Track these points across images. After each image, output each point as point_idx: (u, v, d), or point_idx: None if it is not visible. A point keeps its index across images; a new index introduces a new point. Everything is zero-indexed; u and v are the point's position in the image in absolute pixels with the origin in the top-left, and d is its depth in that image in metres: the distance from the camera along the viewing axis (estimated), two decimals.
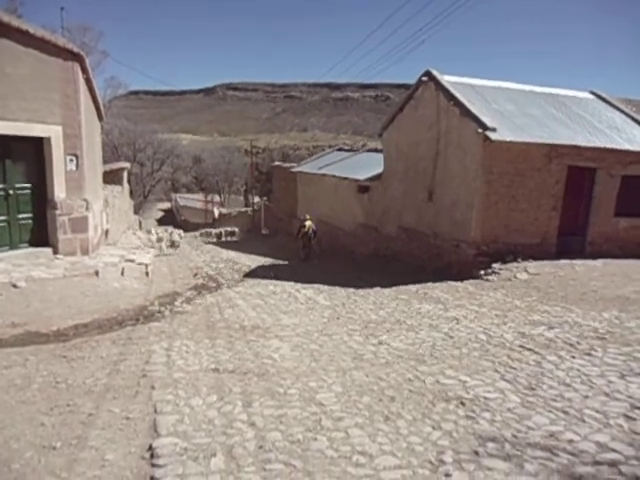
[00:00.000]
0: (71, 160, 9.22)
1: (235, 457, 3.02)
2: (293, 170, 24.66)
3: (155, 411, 3.65)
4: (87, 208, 9.50)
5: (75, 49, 9.08)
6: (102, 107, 13.02)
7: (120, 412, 3.64)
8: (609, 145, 11.45)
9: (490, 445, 3.16)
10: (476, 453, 3.06)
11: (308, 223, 17.18)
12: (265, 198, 37.48)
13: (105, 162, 18.09)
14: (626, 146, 11.61)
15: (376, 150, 20.56)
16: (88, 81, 10.01)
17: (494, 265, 10.23)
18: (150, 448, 3.13)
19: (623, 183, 11.64)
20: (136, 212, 31.37)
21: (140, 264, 9.80)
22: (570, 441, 3.19)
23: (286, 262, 16.05)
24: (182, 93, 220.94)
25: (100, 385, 4.14)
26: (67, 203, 9.17)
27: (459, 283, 9.47)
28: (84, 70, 9.41)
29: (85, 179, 9.54)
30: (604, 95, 14.56)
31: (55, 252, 9.10)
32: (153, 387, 4.10)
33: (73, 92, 9.04)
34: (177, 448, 3.11)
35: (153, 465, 2.94)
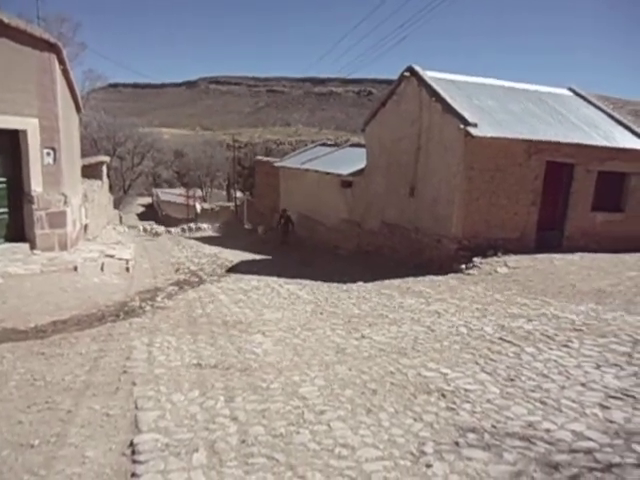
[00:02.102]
0: (48, 153, 9.02)
1: (217, 452, 3.01)
2: (276, 165, 24.54)
3: (136, 407, 3.62)
4: (65, 202, 9.32)
5: (52, 40, 8.87)
6: (80, 99, 12.76)
7: (100, 409, 3.59)
8: (587, 141, 11.67)
9: (470, 436, 3.21)
10: (456, 444, 3.11)
11: (287, 214, 20.32)
12: (248, 193, 37.30)
13: (84, 156, 17.74)
14: (603, 142, 11.85)
15: (359, 145, 20.58)
16: (65, 72, 9.79)
17: (475, 259, 10.36)
18: (131, 444, 3.10)
19: (599, 179, 11.89)
20: (116, 207, 30.90)
21: (120, 259, 9.67)
22: (547, 430, 3.27)
23: (269, 257, 16.01)
24: (163, 86, 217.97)
25: (79, 382, 4.08)
26: (44, 198, 8.98)
27: (441, 277, 9.57)
28: (61, 61, 9.20)
29: (63, 173, 9.35)
30: (582, 92, 14.82)
31: (32, 247, 8.91)
32: (134, 383, 4.05)
33: (50, 84, 8.84)
34: (158, 444, 3.09)
35: (134, 461, 2.91)
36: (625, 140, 12.28)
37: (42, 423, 3.37)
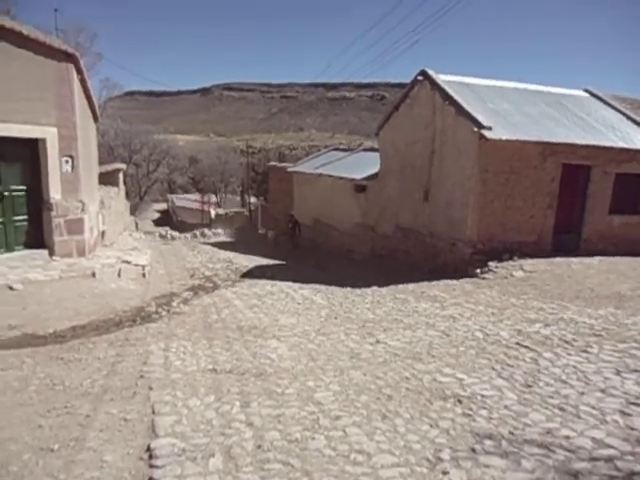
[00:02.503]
0: (66, 161, 9.19)
1: (233, 457, 3.03)
2: (289, 170, 24.64)
3: (153, 412, 3.65)
4: (83, 210, 9.48)
5: (70, 50, 9.06)
6: (97, 108, 12.99)
7: (118, 413, 3.64)
8: (603, 143, 11.51)
9: (487, 442, 3.17)
10: (473, 450, 3.08)
11: (295, 219, 21.46)
12: (262, 198, 37.48)
13: (101, 163, 18.03)
14: (620, 144, 11.66)
15: (372, 149, 20.56)
16: (83, 82, 9.98)
17: (490, 263, 10.26)
18: (148, 449, 3.13)
19: (617, 181, 11.70)
20: (132, 213, 31.30)
21: (137, 265, 9.78)
22: (566, 437, 3.21)
23: (283, 262, 16.05)
24: (178, 94, 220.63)
25: (97, 387, 4.14)
26: (63, 205, 9.15)
27: (455, 281, 9.50)
28: (79, 71, 9.39)
29: (81, 180, 9.51)
30: (599, 93, 14.62)
31: (51, 254, 9.07)
32: (151, 388, 4.10)
33: (68, 93, 9.02)
34: (175, 449, 3.12)
35: (151, 466, 2.94)
36: None
37: (61, 427, 3.42)
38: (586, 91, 14.87)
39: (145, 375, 4.39)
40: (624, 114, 13.45)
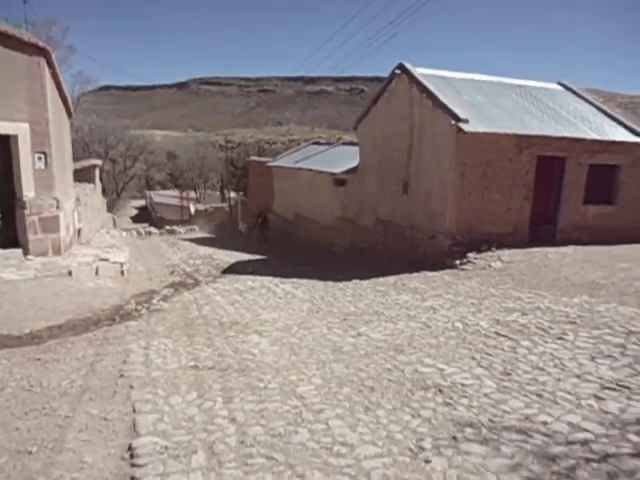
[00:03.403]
0: (39, 158, 8.97)
1: (216, 453, 3.02)
2: (269, 164, 24.52)
3: (134, 411, 3.61)
4: (58, 207, 9.27)
5: (41, 44, 8.81)
6: (71, 103, 12.69)
7: (98, 413, 3.59)
8: (577, 135, 11.74)
9: (468, 430, 3.23)
10: (454, 438, 3.14)
11: (265, 214, 22.78)
12: (241, 193, 37.18)
13: (76, 160, 17.64)
14: (593, 135, 11.93)
15: (352, 143, 20.59)
16: (55, 76, 9.73)
17: (469, 255, 10.40)
18: (130, 448, 3.10)
19: (590, 172, 11.96)
20: (109, 210, 30.78)
21: (115, 263, 9.63)
22: (544, 423, 3.30)
23: (264, 257, 16.00)
24: (154, 88, 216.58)
25: (76, 387, 4.07)
26: (37, 202, 8.93)
27: (435, 273, 9.61)
28: (50, 65, 9.14)
29: (55, 177, 9.29)
30: (572, 86, 14.90)
31: (26, 253, 8.86)
32: (131, 387, 4.05)
33: (40, 88, 8.78)
34: (157, 447, 3.09)
35: (133, 465, 2.91)
36: (615, 133, 12.37)
37: (39, 429, 3.36)
38: (559, 84, 15.13)
39: (125, 374, 4.34)
40: (596, 106, 13.74)
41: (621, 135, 12.32)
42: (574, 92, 14.60)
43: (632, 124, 12.81)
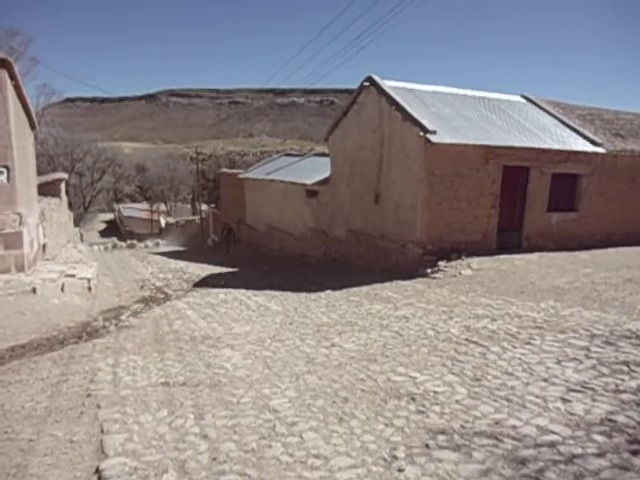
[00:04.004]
0: (1, 172, 8.70)
1: (188, 472, 2.96)
2: (240, 176, 24.41)
3: (102, 431, 3.51)
4: (21, 222, 8.98)
5: (1, 54, 8.59)
6: (34, 115, 12.37)
7: (63, 435, 3.47)
8: (540, 145, 12.16)
9: (440, 437, 3.27)
10: (427, 446, 3.16)
11: (229, 226, 24.59)
12: (213, 205, 36.84)
13: (40, 173, 17.19)
14: (555, 146, 12.37)
15: (323, 154, 20.72)
16: (17, 88, 9.48)
17: (440, 263, 10.58)
18: (97, 471, 3.00)
19: (553, 181, 12.39)
20: (76, 224, 29.97)
21: (82, 279, 9.37)
22: (513, 427, 3.36)
23: (237, 269, 15.85)
24: (122, 100, 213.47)
25: (40, 409, 3.93)
26: None
27: (407, 282, 9.72)
28: (12, 77, 8.91)
29: (17, 192, 9.02)
30: (534, 98, 15.45)
31: None
32: (99, 406, 3.93)
33: (1, 100, 8.53)
34: (126, 468, 3.01)
35: None
36: (575, 143, 12.86)
37: (1, 454, 3.22)
38: (522, 96, 15.67)
39: (92, 393, 4.21)
40: (557, 118, 14.28)
41: (581, 145, 12.83)
42: (536, 104, 15.14)
43: (591, 135, 13.36)
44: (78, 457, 3.19)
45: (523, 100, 15.44)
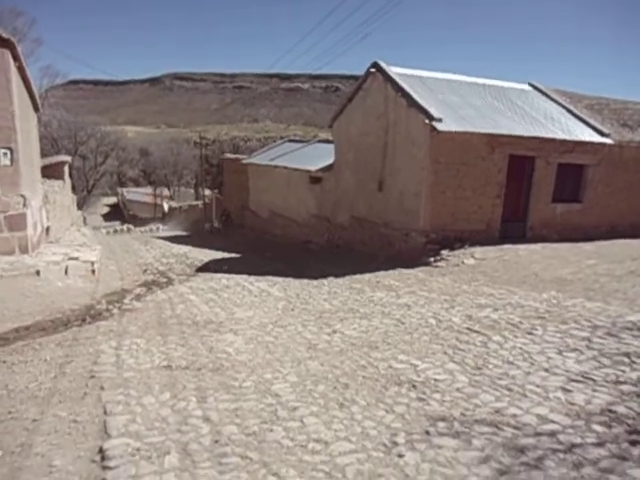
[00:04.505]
0: (5, 154, 8.67)
1: (190, 453, 2.99)
2: (244, 162, 24.32)
3: (105, 412, 3.55)
4: (25, 205, 8.98)
5: (4, 35, 8.50)
6: (38, 97, 12.30)
7: (67, 416, 3.50)
8: (547, 135, 12.05)
9: (440, 424, 3.29)
10: (427, 433, 3.19)
11: (228, 212, 26.27)
12: (216, 191, 36.80)
13: (44, 156, 17.15)
14: (561, 135, 12.25)
15: (327, 141, 20.58)
16: (21, 69, 9.41)
17: (443, 252, 10.56)
18: (100, 450, 3.04)
19: (559, 171, 12.29)
20: (80, 208, 30.03)
21: (85, 262, 9.40)
22: (513, 415, 3.38)
23: (239, 255, 15.88)
24: (126, 83, 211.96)
25: (45, 389, 3.96)
26: (2, 200, 8.63)
27: (410, 270, 9.72)
28: (16, 58, 8.84)
29: (21, 174, 9.00)
30: (541, 87, 15.26)
31: None
32: (102, 388, 3.97)
33: (4, 81, 8.47)
34: (129, 449, 3.04)
35: (104, 468, 2.86)
36: (582, 133, 12.73)
37: (6, 433, 3.26)
38: (530, 85, 15.48)
39: (96, 375, 4.25)
40: (565, 107, 14.11)
41: (588, 135, 12.69)
42: (544, 93, 14.96)
43: (598, 125, 13.21)
44: (82, 437, 3.22)
45: (530, 88, 15.25)
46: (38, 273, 8.00)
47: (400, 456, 2.92)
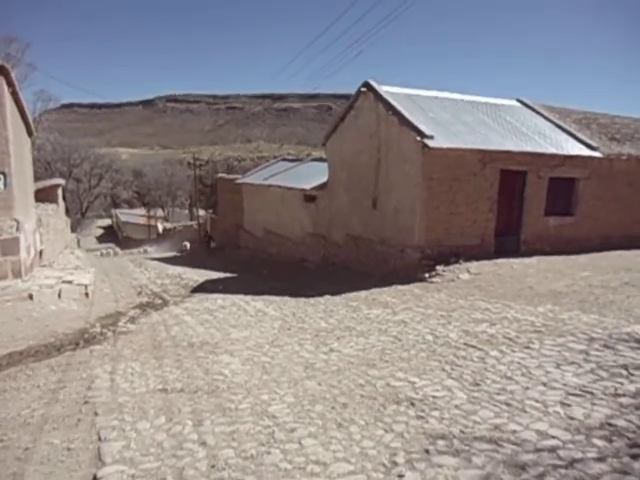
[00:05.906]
0: None
1: (186, 479, 2.93)
2: (238, 182, 24.42)
3: (99, 439, 3.48)
4: (18, 229, 8.96)
5: None
6: (31, 122, 12.37)
7: (60, 443, 3.44)
8: (537, 150, 12.21)
9: (440, 442, 3.25)
10: (427, 452, 3.14)
11: (208, 230, 29.04)
12: (211, 211, 36.83)
13: (37, 179, 17.17)
14: (552, 150, 12.42)
15: (321, 159, 20.75)
16: (15, 95, 9.49)
17: (438, 267, 10.58)
18: (94, 478, 2.97)
19: (550, 185, 12.42)
20: (74, 230, 29.94)
21: (79, 285, 9.34)
22: (513, 432, 3.35)
23: (235, 274, 15.82)
24: (120, 106, 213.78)
25: (37, 416, 3.90)
26: None
27: (406, 286, 9.71)
28: (9, 83, 8.92)
29: (15, 198, 9.00)
30: (530, 103, 15.52)
31: None
32: (96, 413, 3.91)
33: None
34: (124, 476, 2.98)
35: None
36: (572, 147, 12.91)
37: None
38: (518, 101, 15.74)
39: (90, 400, 4.18)
40: (553, 122, 14.34)
41: (578, 149, 12.87)
42: (532, 108, 15.21)
43: (587, 139, 13.42)
44: (75, 465, 3.16)
45: (519, 104, 15.51)
46: (31, 297, 7.94)
47: (400, 476, 2.88)
